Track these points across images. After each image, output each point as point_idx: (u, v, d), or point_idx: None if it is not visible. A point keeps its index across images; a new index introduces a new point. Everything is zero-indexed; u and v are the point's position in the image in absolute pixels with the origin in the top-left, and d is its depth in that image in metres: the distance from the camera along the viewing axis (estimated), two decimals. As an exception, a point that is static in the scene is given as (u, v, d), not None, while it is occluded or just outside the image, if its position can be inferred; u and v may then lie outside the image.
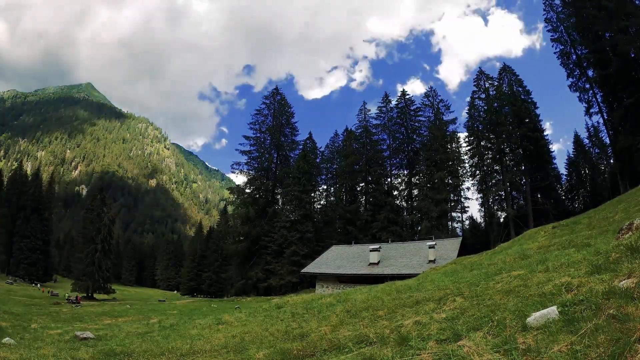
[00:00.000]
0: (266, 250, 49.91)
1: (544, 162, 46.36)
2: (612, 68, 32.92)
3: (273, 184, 57.96)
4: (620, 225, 6.66)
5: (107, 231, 54.14)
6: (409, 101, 58.43)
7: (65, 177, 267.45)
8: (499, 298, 4.44)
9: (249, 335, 6.54)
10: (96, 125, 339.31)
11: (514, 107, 46.14)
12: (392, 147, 58.19)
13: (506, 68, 51.37)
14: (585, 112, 39.83)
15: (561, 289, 3.80)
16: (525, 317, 3.30)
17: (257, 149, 58.27)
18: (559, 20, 42.39)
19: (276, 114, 60.02)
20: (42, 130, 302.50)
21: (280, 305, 11.66)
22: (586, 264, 4.54)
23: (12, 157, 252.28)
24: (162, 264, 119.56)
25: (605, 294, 3.14)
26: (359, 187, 58.78)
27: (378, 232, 47.35)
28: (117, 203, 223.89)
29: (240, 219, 55.31)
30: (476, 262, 11.90)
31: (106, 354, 6.26)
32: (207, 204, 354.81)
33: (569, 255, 6.03)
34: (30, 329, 14.88)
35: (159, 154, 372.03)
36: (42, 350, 7.44)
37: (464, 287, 5.91)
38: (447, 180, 48.63)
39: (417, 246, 29.82)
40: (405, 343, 3.63)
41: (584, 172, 53.94)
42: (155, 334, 10.04)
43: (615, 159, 37.39)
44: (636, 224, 5.50)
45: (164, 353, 5.81)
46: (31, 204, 69.92)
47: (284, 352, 4.39)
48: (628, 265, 3.63)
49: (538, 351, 2.59)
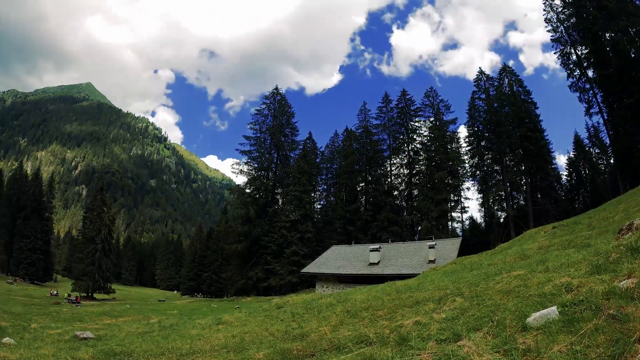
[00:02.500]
0: (266, 250, 49.91)
1: (544, 162, 46.36)
2: (612, 68, 32.95)
3: (273, 184, 57.96)
4: (620, 226, 6.66)
5: (107, 231, 54.18)
6: (409, 101, 58.44)
7: (65, 177, 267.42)
8: (499, 298, 4.44)
9: (249, 335, 6.54)
10: (96, 125, 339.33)
11: (514, 107, 46.16)
12: (392, 147, 58.20)
13: (506, 68, 51.40)
14: (585, 112, 39.87)
15: (561, 289, 3.80)
16: (525, 317, 3.29)
17: (257, 149, 58.29)
18: (559, 20, 42.39)
19: (276, 114, 60.05)
20: (42, 130, 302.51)
21: (280, 305, 11.66)
22: (586, 264, 4.54)
23: (12, 157, 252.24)
24: (162, 264, 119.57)
25: (605, 294, 3.14)
26: (359, 187, 58.77)
27: (378, 232, 47.37)
28: (117, 203, 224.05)
29: (240, 219, 55.30)
30: (476, 262, 11.90)
31: (106, 354, 6.26)
32: (207, 204, 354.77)
33: (569, 255, 6.02)
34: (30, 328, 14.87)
35: (159, 153, 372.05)
36: (42, 350, 7.44)
37: (464, 287, 5.91)
38: (447, 180, 48.65)
39: (417, 246, 29.83)
40: (405, 343, 3.64)
41: (584, 172, 53.94)
42: (155, 334, 10.03)
43: (615, 159, 37.40)
44: (636, 224, 5.49)
45: (164, 353, 5.80)
46: (31, 204, 69.85)
47: (284, 352, 4.39)
48: (628, 266, 3.62)
49: (538, 351, 2.59)
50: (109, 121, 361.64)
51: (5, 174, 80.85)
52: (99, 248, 50.76)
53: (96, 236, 51.43)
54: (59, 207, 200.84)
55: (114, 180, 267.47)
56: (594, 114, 39.52)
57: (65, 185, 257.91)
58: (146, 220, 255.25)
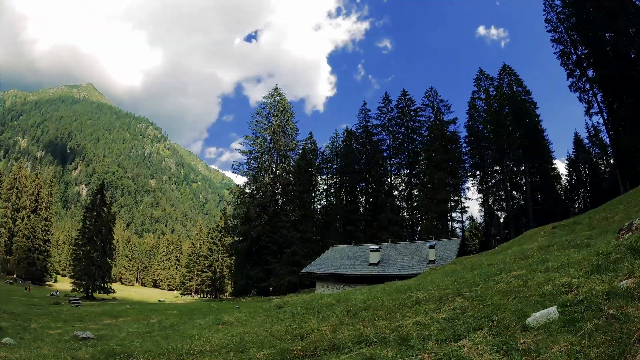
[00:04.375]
0: (266, 250, 49.88)
1: (544, 162, 46.37)
2: (612, 68, 32.91)
3: (273, 184, 57.96)
4: (620, 226, 6.66)
5: (107, 231, 54.19)
6: (409, 101, 58.49)
7: (65, 177, 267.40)
8: (499, 298, 4.44)
9: (249, 335, 6.54)
10: (96, 125, 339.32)
11: (514, 107, 46.17)
12: (392, 147, 58.22)
13: (506, 68, 51.39)
14: (585, 112, 39.77)
15: (561, 289, 3.80)
16: (525, 317, 3.29)
17: (257, 149, 58.29)
18: (559, 20, 42.35)
19: (276, 114, 60.06)
20: (42, 130, 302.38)
21: (280, 305, 11.66)
22: (586, 264, 4.54)
23: (12, 157, 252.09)
24: (162, 264, 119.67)
25: (605, 294, 3.14)
26: (359, 187, 58.77)
27: (378, 232, 47.34)
28: (117, 203, 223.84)
29: (240, 219, 55.30)
30: (476, 262, 11.90)
31: (106, 354, 6.26)
32: (207, 204, 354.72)
33: (569, 255, 6.02)
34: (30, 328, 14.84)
35: (159, 153, 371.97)
36: (42, 350, 7.45)
37: (464, 287, 5.91)
38: (447, 180, 48.62)
39: (417, 246, 29.81)
40: (405, 343, 3.63)
41: (584, 172, 53.92)
42: (155, 334, 10.04)
43: (615, 159, 37.35)
44: (636, 224, 5.49)
45: (164, 353, 5.80)
46: (31, 204, 69.93)
47: (284, 352, 4.39)
48: (628, 266, 3.62)
49: (538, 351, 2.59)
50: (109, 121, 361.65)
51: (5, 174, 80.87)
52: (99, 248, 50.79)
53: (96, 236, 51.45)
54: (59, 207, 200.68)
55: (114, 180, 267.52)
56: (594, 114, 39.45)
57: (65, 185, 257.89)
58: (146, 220, 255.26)
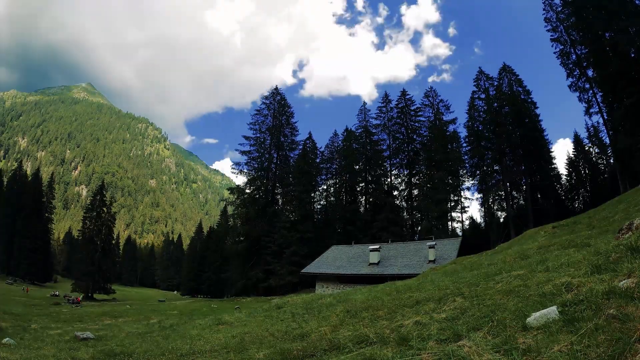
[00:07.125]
0: (266, 250, 49.86)
1: (544, 162, 46.33)
2: (612, 68, 32.87)
3: (273, 184, 57.93)
4: (620, 225, 6.66)
5: (107, 231, 54.20)
6: (409, 101, 58.47)
7: (65, 177, 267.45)
8: (499, 298, 4.44)
9: (249, 335, 6.53)
10: (96, 125, 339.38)
11: (514, 107, 46.13)
12: (392, 147, 58.20)
13: (506, 68, 51.35)
14: (585, 112, 39.76)
15: (561, 289, 3.80)
16: (525, 317, 3.29)
17: (257, 149, 58.23)
18: (558, 20, 42.35)
19: (276, 114, 60.02)
20: (42, 130, 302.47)
21: (280, 305, 11.65)
22: (586, 264, 4.54)
23: (12, 157, 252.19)
24: (162, 264, 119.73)
25: (605, 294, 3.14)
26: (359, 187, 58.75)
27: (378, 232, 47.30)
28: (117, 203, 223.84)
29: (240, 219, 55.27)
30: (476, 262, 11.90)
31: (106, 354, 6.27)
32: (207, 204, 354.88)
33: (569, 255, 6.02)
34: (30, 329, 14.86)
35: (158, 154, 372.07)
36: (42, 350, 7.45)
37: (464, 287, 5.91)
38: (447, 180, 48.59)
39: (417, 246, 29.82)
40: (405, 343, 3.63)
41: (584, 172, 53.91)
42: (155, 334, 10.05)
43: (615, 159, 37.32)
44: (636, 224, 5.50)
45: (164, 353, 5.80)
46: (31, 204, 69.87)
47: (284, 352, 4.39)
48: (628, 265, 3.63)
49: (538, 351, 2.58)
50: (109, 121, 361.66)
51: (5, 174, 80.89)
52: (99, 248, 50.79)
53: (96, 236, 51.46)
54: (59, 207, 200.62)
55: (114, 180, 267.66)
56: (593, 113, 39.44)
57: (65, 185, 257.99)
58: (146, 220, 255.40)
